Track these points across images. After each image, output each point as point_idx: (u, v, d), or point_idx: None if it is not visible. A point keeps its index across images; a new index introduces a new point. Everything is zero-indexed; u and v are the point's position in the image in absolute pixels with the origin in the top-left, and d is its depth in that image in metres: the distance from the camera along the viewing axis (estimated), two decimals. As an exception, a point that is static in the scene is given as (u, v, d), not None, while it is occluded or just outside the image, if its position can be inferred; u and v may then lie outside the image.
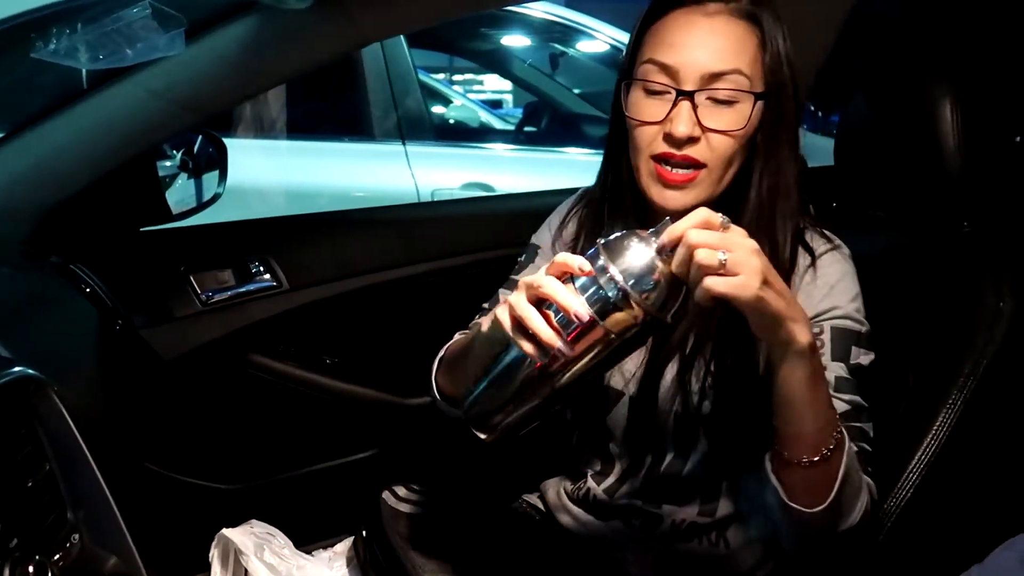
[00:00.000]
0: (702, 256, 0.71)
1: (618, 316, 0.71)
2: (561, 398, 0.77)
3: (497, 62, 3.77)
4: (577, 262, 0.73)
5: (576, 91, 3.53)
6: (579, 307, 0.71)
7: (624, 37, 2.86)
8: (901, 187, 1.13)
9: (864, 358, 0.91)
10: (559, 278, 0.73)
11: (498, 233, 1.49)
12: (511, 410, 0.76)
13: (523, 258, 1.10)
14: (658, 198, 0.91)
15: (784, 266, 0.91)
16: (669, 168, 0.89)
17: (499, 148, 3.20)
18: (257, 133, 2.72)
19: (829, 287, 0.91)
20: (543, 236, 1.09)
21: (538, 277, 0.74)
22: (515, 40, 3.56)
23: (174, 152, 1.54)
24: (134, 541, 0.82)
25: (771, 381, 0.79)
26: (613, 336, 0.72)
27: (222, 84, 1.05)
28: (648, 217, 0.96)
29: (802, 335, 0.75)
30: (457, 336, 1.07)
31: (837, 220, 1.00)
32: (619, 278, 0.71)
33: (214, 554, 1.14)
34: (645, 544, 1.01)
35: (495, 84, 7.53)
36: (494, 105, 6.29)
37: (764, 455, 0.85)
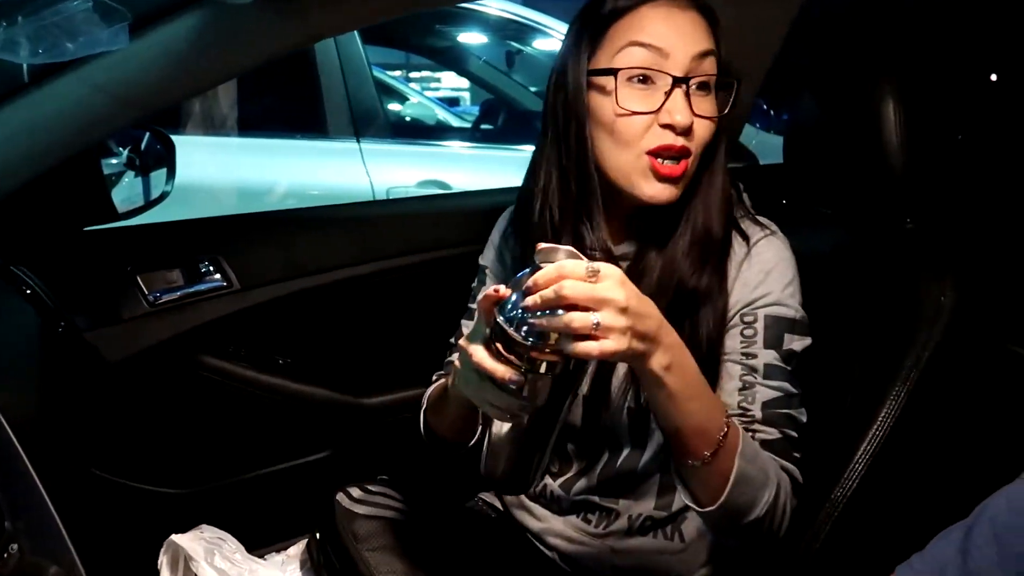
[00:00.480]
0: (576, 323, 0.70)
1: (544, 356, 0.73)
2: (555, 416, 0.79)
3: (453, 59, 3.77)
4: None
5: (532, 89, 3.53)
6: (510, 374, 0.72)
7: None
8: (847, 185, 1.15)
9: (797, 344, 0.92)
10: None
11: (454, 231, 1.48)
12: (528, 455, 0.79)
13: (475, 283, 1.11)
14: (649, 193, 0.90)
15: (716, 250, 0.93)
16: (662, 161, 0.89)
17: (456, 145, 3.19)
18: (207, 130, 2.67)
19: (764, 273, 0.93)
20: (488, 255, 1.10)
21: (473, 350, 0.74)
22: (471, 37, 3.56)
23: (120, 149, 1.51)
24: (78, 549, 0.79)
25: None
26: (556, 367, 0.74)
27: (168, 79, 1.02)
28: (608, 212, 0.96)
29: (656, 363, 0.76)
30: (435, 379, 1.08)
31: (787, 217, 1.02)
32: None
33: (162, 561, 1.12)
34: (602, 540, 1.02)
35: (452, 82, 7.51)
36: (451, 103, 6.27)
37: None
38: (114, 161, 1.50)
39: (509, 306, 0.72)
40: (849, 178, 1.14)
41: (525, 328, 0.71)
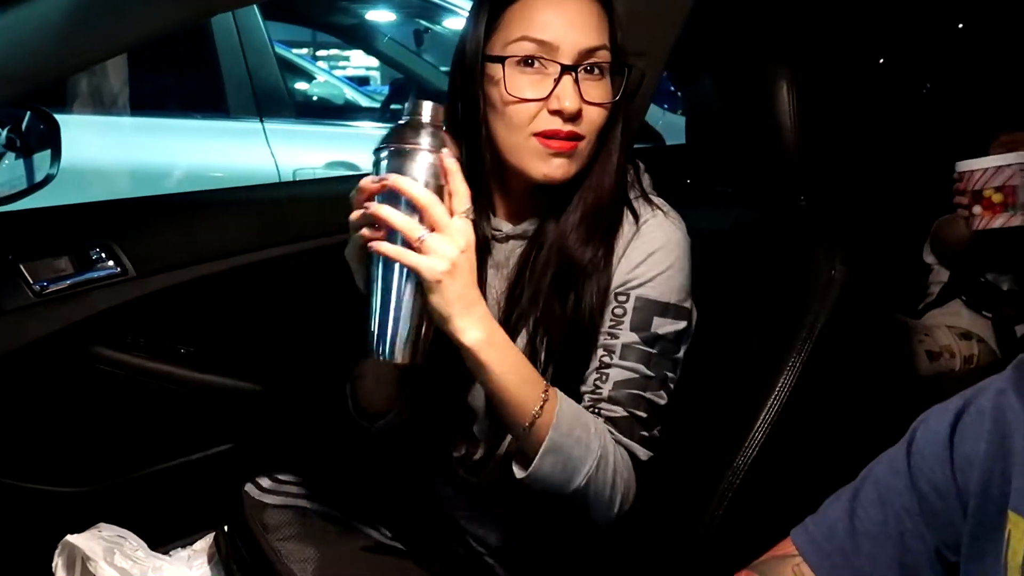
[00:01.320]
0: (407, 227, 0.79)
1: None
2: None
3: (360, 37, 3.68)
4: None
5: (443, 68, 3.50)
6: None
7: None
8: (745, 165, 1.19)
9: (667, 328, 0.94)
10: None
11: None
12: (411, 322, 0.81)
13: None
14: (543, 170, 0.93)
15: (604, 227, 0.95)
16: (558, 140, 0.92)
17: (365, 126, 3.13)
18: (96, 109, 2.52)
19: (647, 255, 0.95)
20: None
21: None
22: (379, 15, 3.49)
23: (-2, 129, 1.42)
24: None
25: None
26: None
27: (45, 55, 0.96)
28: (505, 191, 0.98)
29: (468, 335, 0.83)
30: None
31: (690, 196, 1.05)
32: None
33: (57, 563, 1.06)
34: (510, 516, 1.03)
35: (362, 60, 7.35)
36: (361, 82, 6.14)
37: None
38: (-9, 142, 1.41)
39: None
40: (747, 158, 1.18)
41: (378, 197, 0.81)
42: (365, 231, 0.82)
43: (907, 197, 2.11)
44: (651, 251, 0.95)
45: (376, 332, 0.81)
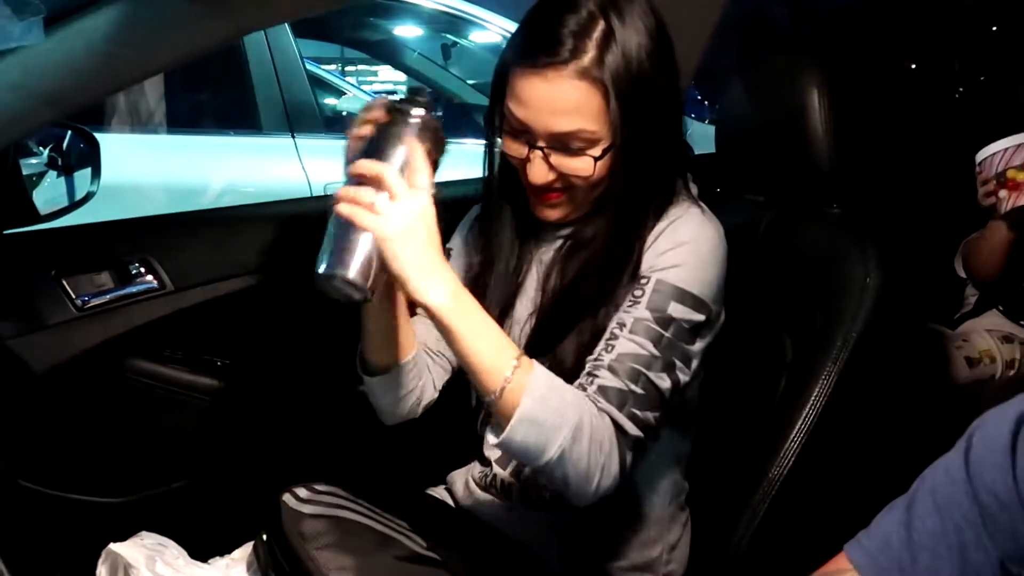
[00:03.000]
0: (361, 194, 0.83)
1: None
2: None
3: (388, 53, 3.73)
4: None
5: (470, 82, 3.53)
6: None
7: (515, 28, 2.87)
8: (776, 173, 1.19)
9: (683, 314, 0.92)
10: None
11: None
12: (359, 250, 0.83)
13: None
14: (539, 214, 0.99)
15: (635, 225, 0.96)
16: (538, 193, 0.97)
17: (393, 140, 3.14)
18: (133, 127, 2.58)
19: (675, 244, 0.94)
20: (456, 240, 1.14)
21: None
22: (406, 30, 3.53)
23: (40, 149, 1.46)
24: (8, 564, 0.77)
25: None
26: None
27: (88, 76, 0.99)
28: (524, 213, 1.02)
29: (431, 297, 0.84)
30: None
31: (720, 204, 1.05)
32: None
33: (102, 571, 1.08)
34: (551, 522, 1.03)
35: (389, 75, 7.43)
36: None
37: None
38: (34, 161, 1.45)
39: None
40: (778, 166, 1.17)
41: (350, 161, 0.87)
42: (337, 191, 0.85)
43: (941, 205, 2.08)
44: (680, 242, 0.95)
45: (323, 256, 0.84)
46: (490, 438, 0.89)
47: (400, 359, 1.03)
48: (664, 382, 0.92)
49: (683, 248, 0.94)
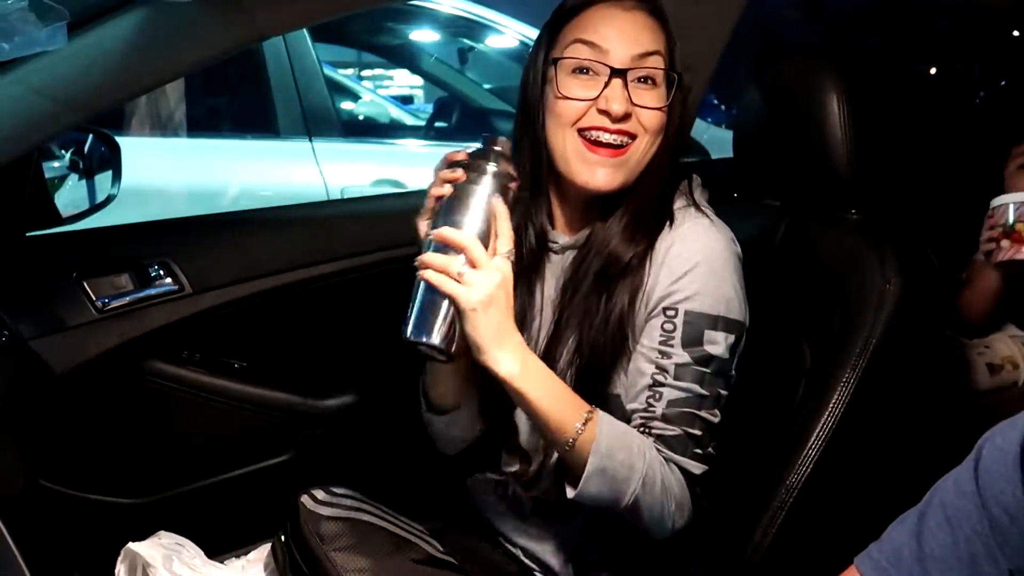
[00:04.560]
0: (448, 263, 0.86)
1: None
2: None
3: (405, 57, 3.74)
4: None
5: (486, 86, 3.53)
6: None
7: (532, 32, 2.88)
8: (794, 177, 1.18)
9: (719, 344, 0.94)
10: None
11: (410, 230, 1.47)
12: (445, 316, 0.87)
13: None
14: (586, 176, 0.95)
15: (647, 231, 0.97)
16: (605, 146, 0.94)
17: (410, 144, 3.17)
18: (153, 130, 2.61)
19: (691, 266, 0.95)
20: None
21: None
22: (423, 35, 3.54)
23: (62, 152, 1.47)
24: (28, 563, 0.77)
25: None
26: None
27: (110, 81, 1.00)
28: (563, 202, 1.01)
29: (503, 367, 0.87)
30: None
31: (737, 209, 1.04)
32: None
33: (120, 570, 1.09)
34: (563, 535, 1.03)
35: (406, 79, 7.45)
36: (405, 100, 6.22)
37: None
38: (56, 164, 1.46)
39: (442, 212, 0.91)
40: (796, 171, 1.17)
41: (430, 232, 0.90)
42: (423, 257, 0.88)
43: (960, 211, 2.06)
44: (695, 262, 0.95)
45: (411, 318, 0.88)
46: (568, 490, 0.92)
47: (461, 401, 1.05)
48: (715, 416, 0.95)
49: (699, 270, 0.94)
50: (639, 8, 0.98)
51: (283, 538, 1.04)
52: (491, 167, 0.90)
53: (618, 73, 0.94)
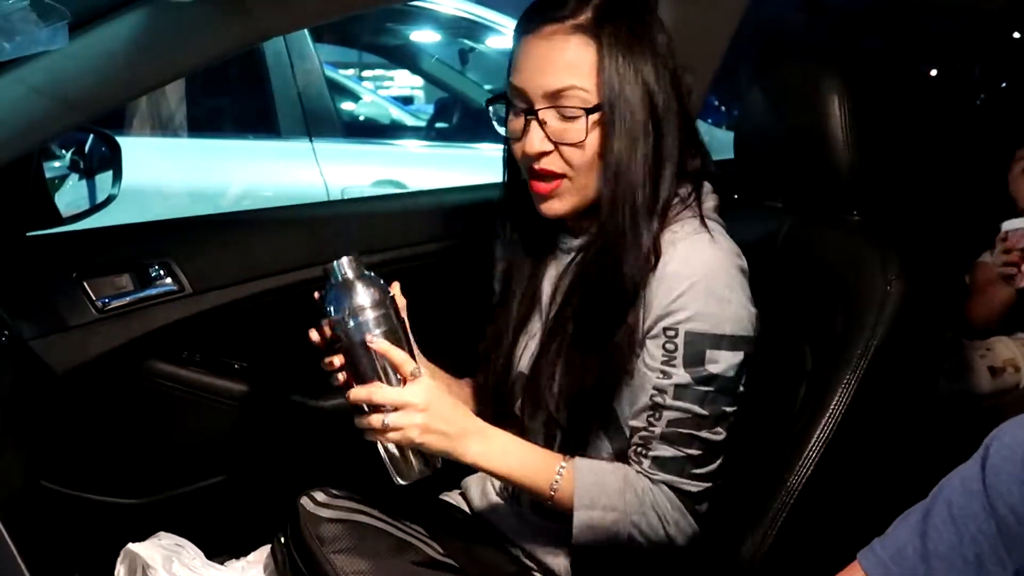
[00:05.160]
0: (371, 421, 0.90)
1: None
2: None
3: (406, 57, 3.75)
4: None
5: (487, 87, 3.53)
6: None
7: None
8: (796, 179, 1.18)
9: (722, 363, 0.93)
10: None
11: (410, 231, 1.47)
12: (410, 455, 0.94)
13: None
14: (537, 206, 0.98)
15: (641, 261, 0.94)
16: (537, 180, 0.97)
17: (410, 144, 3.17)
18: (154, 130, 2.61)
19: (688, 282, 0.92)
20: (498, 246, 1.15)
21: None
22: (424, 35, 3.54)
23: (63, 152, 1.47)
24: (28, 564, 0.77)
25: None
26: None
27: (110, 80, 1.00)
28: (539, 220, 1.01)
29: (470, 455, 0.93)
30: None
31: (738, 211, 1.04)
32: None
33: (120, 571, 1.09)
34: (560, 535, 1.03)
35: (406, 80, 7.45)
36: (405, 101, 6.22)
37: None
38: (57, 164, 1.46)
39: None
40: (797, 172, 1.17)
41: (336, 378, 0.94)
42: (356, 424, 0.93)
43: (961, 212, 2.06)
44: (694, 280, 0.93)
45: (390, 470, 0.95)
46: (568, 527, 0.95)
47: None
48: (718, 435, 0.94)
49: (698, 288, 0.92)
50: (558, 33, 0.93)
51: (283, 540, 1.03)
52: (349, 320, 0.90)
53: (530, 113, 0.94)
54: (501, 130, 1.01)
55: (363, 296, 0.91)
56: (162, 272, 1.33)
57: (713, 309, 0.92)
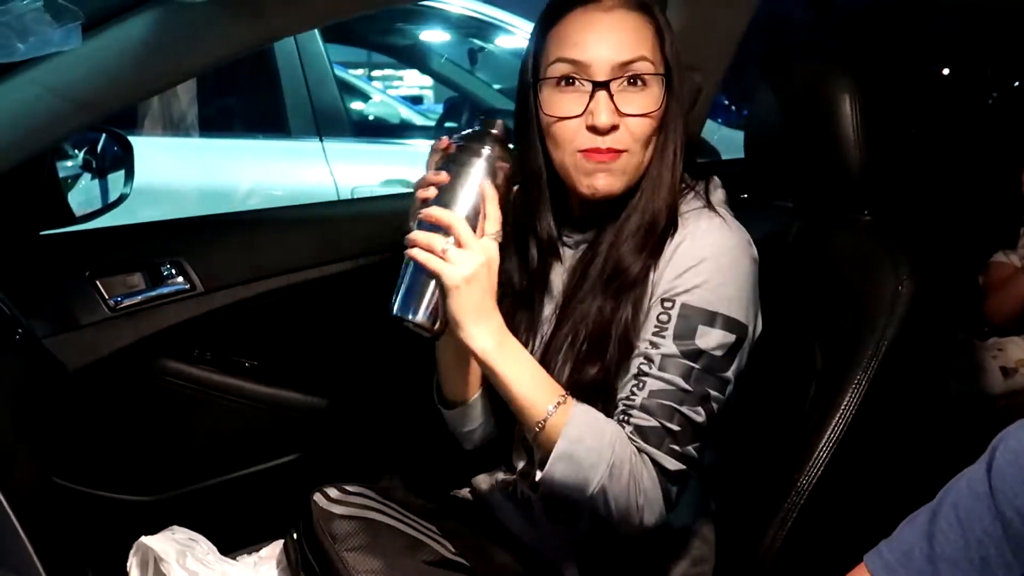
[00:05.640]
0: (433, 240, 0.88)
1: None
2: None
3: (415, 57, 3.75)
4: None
5: (496, 86, 3.53)
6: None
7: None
8: (806, 179, 1.17)
9: (713, 341, 0.91)
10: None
11: (419, 230, 1.48)
12: (431, 294, 0.90)
13: None
14: (586, 183, 0.95)
15: (656, 237, 0.95)
16: (598, 155, 0.94)
17: (420, 144, 3.17)
18: (166, 130, 2.62)
19: (696, 261, 0.93)
20: None
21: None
22: (434, 35, 3.55)
23: (76, 151, 1.48)
24: (42, 560, 0.78)
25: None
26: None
27: (123, 80, 1.01)
28: (566, 206, 1.01)
29: (477, 342, 0.89)
30: None
31: (748, 211, 1.04)
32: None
33: (132, 563, 1.09)
34: (572, 535, 1.03)
35: (416, 79, 7.47)
36: (415, 101, 6.24)
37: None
38: (70, 163, 1.47)
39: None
40: (807, 172, 1.16)
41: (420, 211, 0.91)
42: (410, 235, 0.90)
43: (972, 213, 2.04)
44: (701, 258, 0.93)
45: (398, 294, 0.91)
46: (538, 473, 0.92)
47: (470, 395, 1.06)
48: (699, 416, 0.92)
49: (704, 265, 0.92)
50: (619, 7, 0.94)
51: (295, 536, 1.04)
52: (485, 150, 0.91)
53: (600, 86, 0.92)
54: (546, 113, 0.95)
55: (505, 153, 0.92)
56: (174, 271, 1.34)
57: (713, 286, 0.92)
